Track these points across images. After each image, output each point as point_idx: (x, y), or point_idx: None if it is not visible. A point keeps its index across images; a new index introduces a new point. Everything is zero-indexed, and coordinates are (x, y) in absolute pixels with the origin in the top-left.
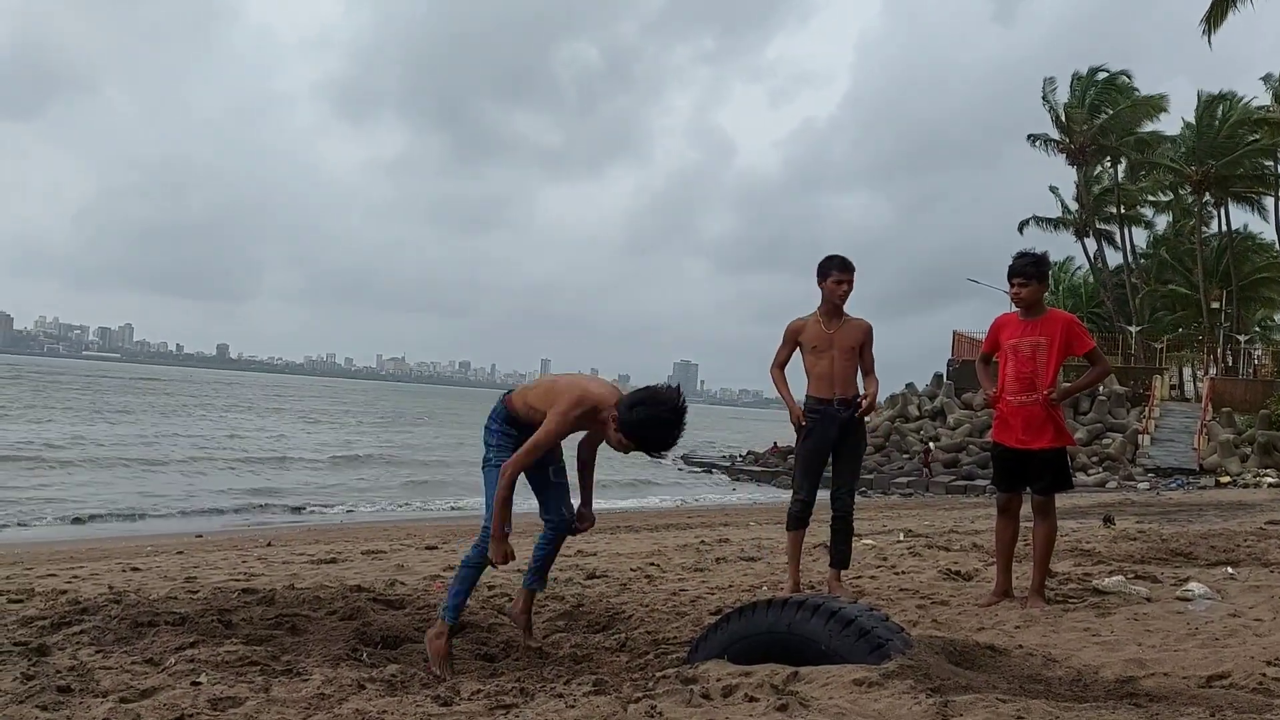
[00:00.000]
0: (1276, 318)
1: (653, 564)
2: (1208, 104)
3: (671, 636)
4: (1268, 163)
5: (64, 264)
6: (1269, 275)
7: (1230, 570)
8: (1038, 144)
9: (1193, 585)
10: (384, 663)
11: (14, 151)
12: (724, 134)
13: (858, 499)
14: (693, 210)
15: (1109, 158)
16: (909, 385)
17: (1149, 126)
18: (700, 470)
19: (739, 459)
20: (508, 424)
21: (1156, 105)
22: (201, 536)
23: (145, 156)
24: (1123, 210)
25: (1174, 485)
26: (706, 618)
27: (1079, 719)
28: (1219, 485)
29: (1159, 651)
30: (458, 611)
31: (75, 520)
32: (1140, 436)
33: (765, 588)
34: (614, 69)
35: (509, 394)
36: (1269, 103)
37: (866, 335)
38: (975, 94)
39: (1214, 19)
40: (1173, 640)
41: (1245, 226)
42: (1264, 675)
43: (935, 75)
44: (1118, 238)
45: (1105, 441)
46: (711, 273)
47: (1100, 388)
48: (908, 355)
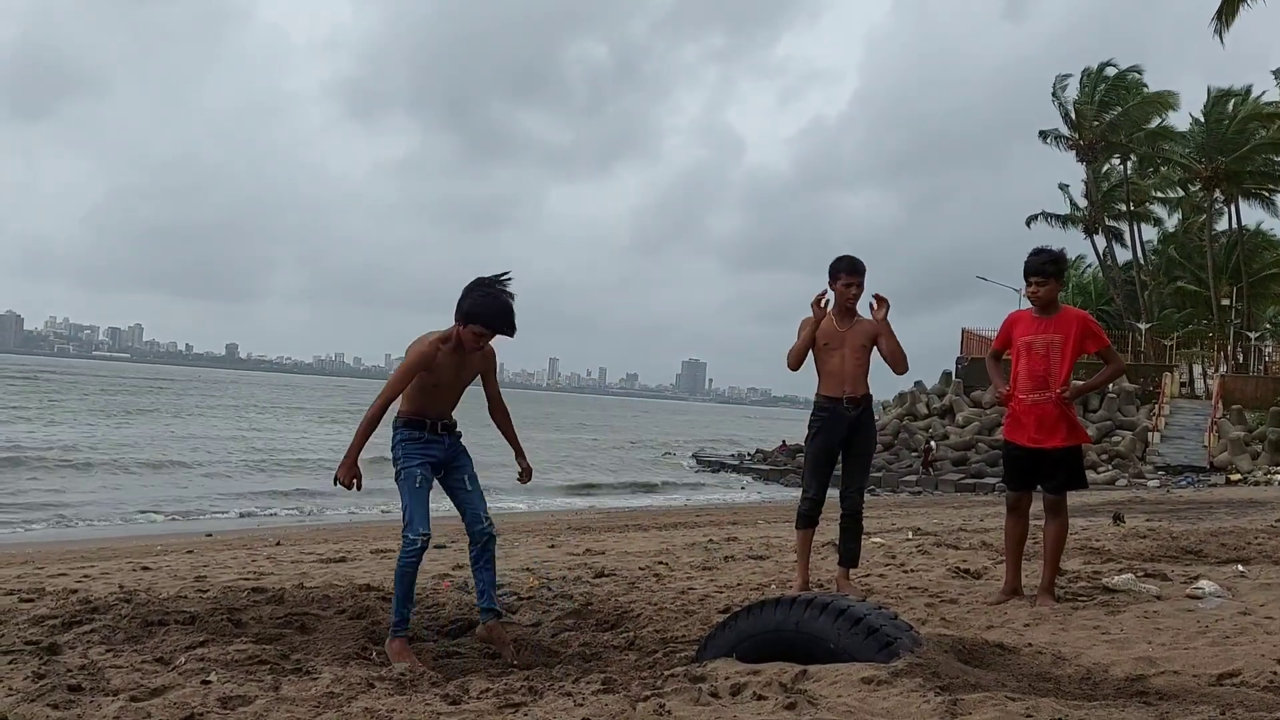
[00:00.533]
0: None
1: (661, 563)
2: (1217, 99)
3: (680, 635)
4: (1278, 158)
5: (74, 264)
6: (1279, 272)
7: (1241, 568)
8: (1048, 140)
9: (1203, 583)
10: (393, 661)
11: (25, 152)
12: (733, 132)
13: (866, 497)
14: (701, 209)
15: (1118, 154)
16: (918, 383)
17: (1159, 123)
18: (709, 469)
19: (748, 457)
20: (403, 429)
21: (1166, 102)
22: (211, 536)
23: (155, 157)
24: (1132, 207)
25: (1184, 483)
26: (715, 616)
27: (1088, 717)
28: (1230, 483)
29: (1169, 649)
30: (404, 624)
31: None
32: (1150, 434)
33: (774, 586)
34: (623, 67)
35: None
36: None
37: (880, 329)
38: (985, 91)
39: (1225, 15)
40: (1183, 638)
41: (1260, 224)
42: (1274, 673)
43: (945, 73)
44: (1127, 235)
45: (1115, 439)
46: (719, 271)
47: (1110, 385)
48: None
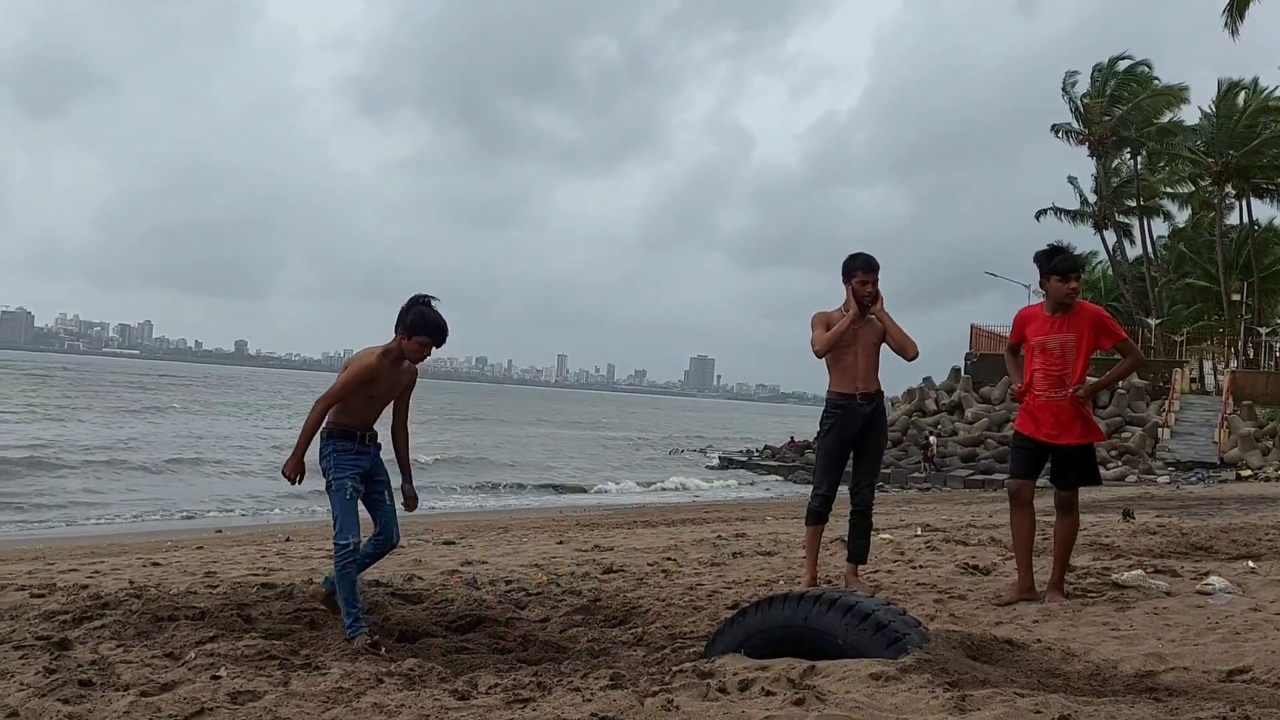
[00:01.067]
0: None
1: (669, 559)
2: (1226, 92)
3: (688, 631)
4: None
5: (84, 262)
6: None
7: (1251, 564)
8: (1059, 134)
9: (1213, 579)
10: (402, 657)
11: (36, 150)
12: (743, 128)
13: (875, 493)
14: (710, 205)
15: (1129, 149)
16: (926, 379)
17: (1169, 117)
18: (717, 465)
19: (756, 454)
20: (334, 440)
21: (1177, 96)
22: (221, 532)
23: (165, 154)
24: (1142, 202)
25: (1194, 479)
26: (723, 612)
27: (1097, 713)
28: (1240, 479)
29: (1179, 646)
30: (359, 620)
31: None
32: (1160, 430)
33: (782, 582)
34: (633, 64)
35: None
36: None
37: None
38: (996, 87)
39: (1236, 9)
40: (1193, 635)
41: (1273, 220)
42: None
43: (957, 67)
44: (1137, 230)
45: (1125, 435)
46: (728, 268)
47: (1120, 381)
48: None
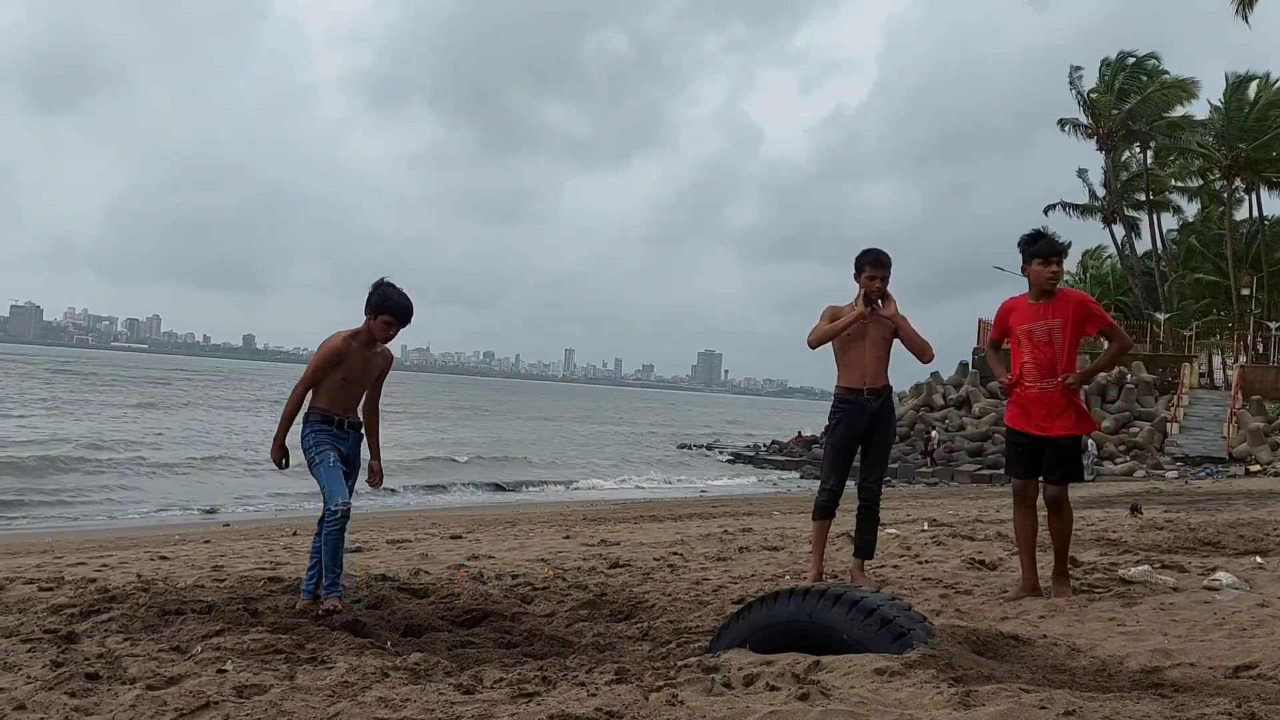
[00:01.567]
0: None
1: (676, 553)
2: (1236, 86)
3: (694, 625)
4: None
5: (94, 256)
6: None
7: (1259, 559)
8: (1067, 129)
9: (1220, 575)
10: (408, 651)
11: (47, 144)
12: (753, 123)
13: (882, 488)
14: (720, 200)
15: (1138, 143)
16: (934, 374)
17: (1179, 111)
18: (724, 459)
19: (763, 448)
20: (313, 423)
21: (1187, 90)
22: (229, 526)
23: (175, 149)
24: (1151, 196)
25: (1203, 474)
26: (729, 607)
27: (1102, 709)
28: (1249, 474)
29: (1185, 642)
30: (337, 583)
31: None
32: (1169, 425)
33: (788, 577)
34: (643, 58)
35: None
36: None
37: (900, 322)
38: (1007, 80)
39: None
40: (1199, 630)
41: None
42: None
43: (967, 61)
44: (1145, 224)
45: (1133, 430)
46: (737, 263)
47: (1128, 375)
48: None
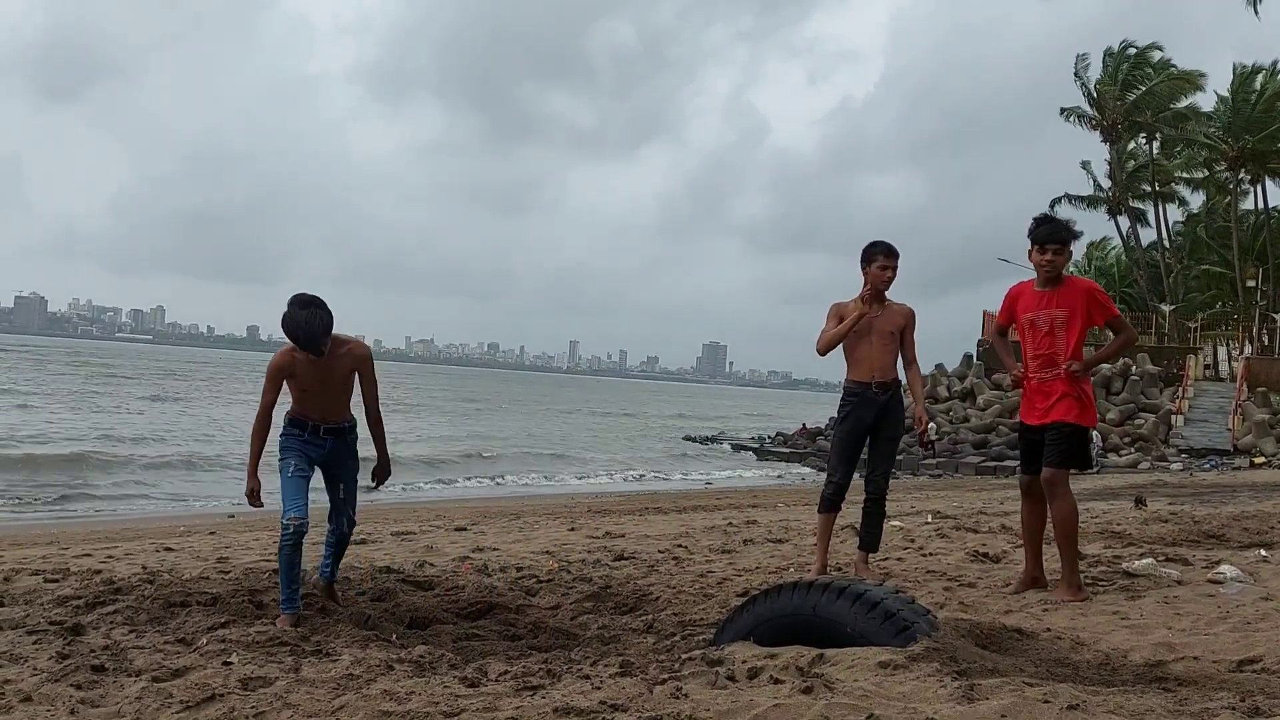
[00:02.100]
0: None
1: (680, 546)
2: (1244, 77)
3: (698, 618)
4: None
5: (99, 247)
6: None
7: (1263, 552)
8: (1070, 119)
9: (1225, 568)
10: (412, 643)
11: (53, 135)
12: (760, 114)
13: (889, 482)
14: (726, 191)
15: (1143, 134)
16: (938, 366)
17: (1185, 102)
18: (729, 452)
19: (767, 440)
20: (286, 428)
21: (1193, 81)
22: (234, 517)
23: (182, 141)
24: (1157, 187)
25: (1208, 466)
26: (733, 600)
27: (1106, 703)
28: (1254, 466)
29: (1189, 635)
30: (292, 600)
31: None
32: (1174, 417)
33: (792, 570)
34: (650, 49)
35: None
36: None
37: (908, 321)
38: (1015, 72)
39: None
40: (1203, 624)
41: None
42: None
43: (975, 52)
44: (1151, 215)
45: (1138, 422)
46: (744, 254)
47: (1133, 367)
48: (938, 336)
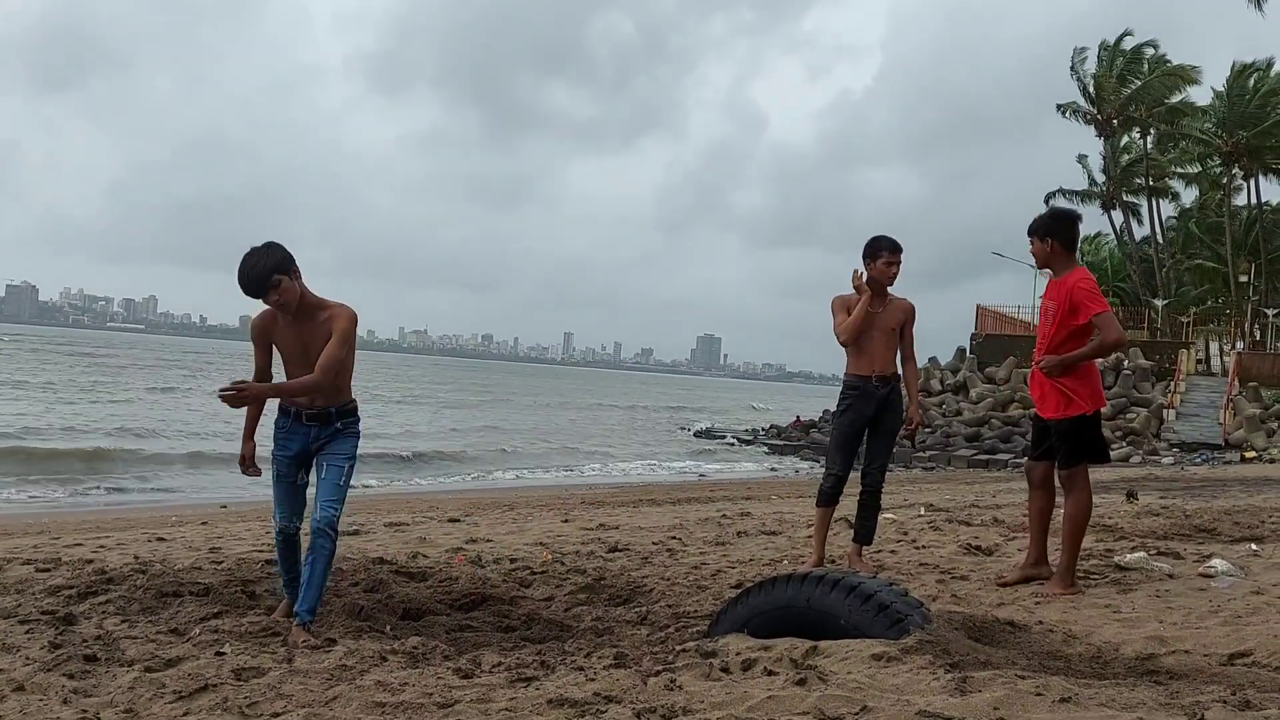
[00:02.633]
0: None
1: (674, 537)
2: (1239, 73)
3: (692, 610)
4: None
5: (93, 237)
6: None
7: (1254, 546)
8: (1067, 114)
9: (1216, 562)
10: (406, 635)
11: (49, 124)
12: (759, 107)
13: (885, 475)
14: (725, 185)
15: (1138, 129)
16: (931, 359)
17: (1179, 97)
18: (723, 444)
19: (762, 432)
20: (277, 417)
21: (1188, 76)
22: (226, 507)
23: (178, 131)
24: (1151, 182)
25: (1199, 460)
26: (727, 592)
27: (1098, 696)
28: (1244, 460)
29: (1180, 629)
30: (291, 586)
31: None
32: (1165, 411)
33: (786, 562)
34: (650, 42)
35: None
36: None
37: (908, 316)
38: (1015, 66)
39: None
40: (1194, 617)
41: None
42: None
43: (975, 46)
44: (1145, 210)
45: (1130, 416)
46: (742, 248)
47: (1125, 362)
48: (932, 330)
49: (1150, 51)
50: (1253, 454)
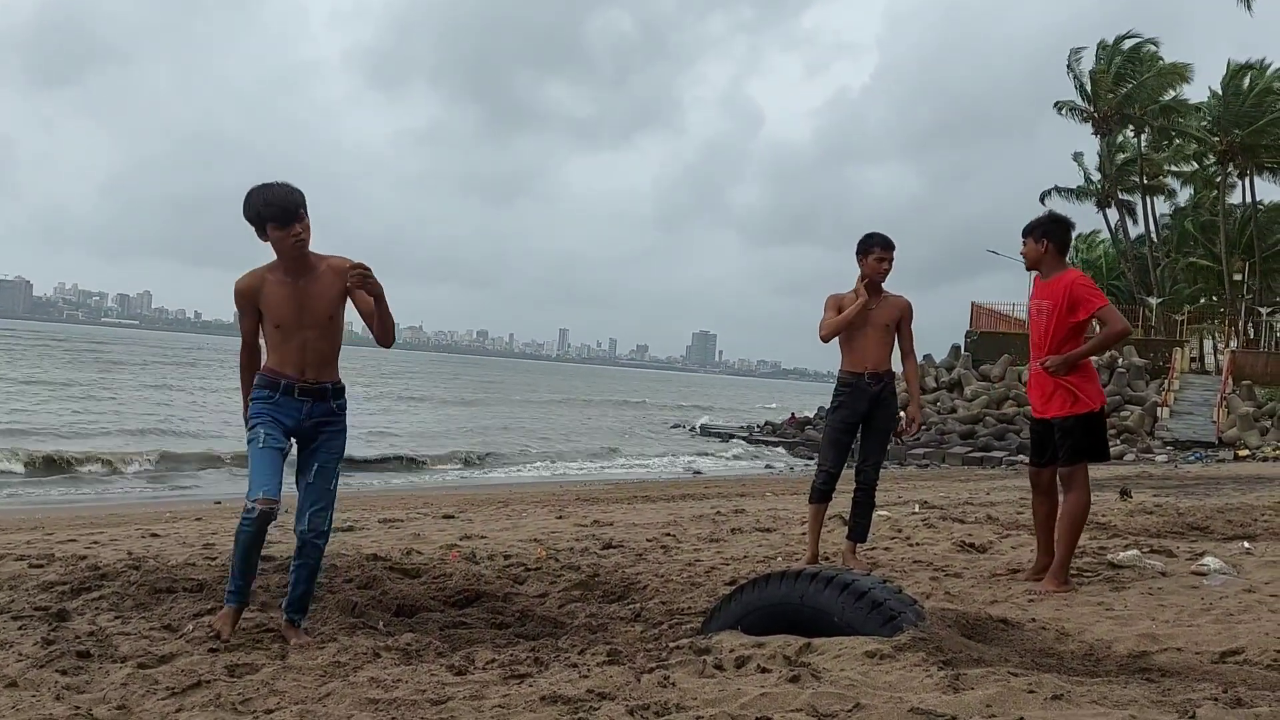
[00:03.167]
0: None
1: (668, 534)
2: (1235, 72)
3: (686, 607)
4: None
5: (89, 232)
6: None
7: (1247, 545)
8: (1064, 112)
9: (1208, 560)
10: (399, 631)
11: (46, 120)
12: (757, 105)
13: (879, 472)
14: (722, 182)
15: (1133, 127)
16: (926, 357)
17: (1172, 94)
18: (717, 440)
19: (756, 429)
20: (256, 389)
21: (1180, 73)
22: (220, 503)
23: (175, 127)
24: (1145, 180)
25: (1193, 458)
26: (721, 589)
27: (1090, 693)
28: (1238, 458)
29: (1173, 626)
30: (238, 594)
31: None
32: (1159, 409)
33: (780, 559)
34: (649, 39)
35: None
36: None
37: (905, 313)
38: (1012, 64)
39: None
40: (1187, 615)
41: (1276, 199)
42: (1278, 652)
43: (972, 44)
44: (1140, 208)
45: (1124, 414)
46: (738, 245)
47: (1120, 360)
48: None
49: (1150, 49)
50: (1246, 452)
